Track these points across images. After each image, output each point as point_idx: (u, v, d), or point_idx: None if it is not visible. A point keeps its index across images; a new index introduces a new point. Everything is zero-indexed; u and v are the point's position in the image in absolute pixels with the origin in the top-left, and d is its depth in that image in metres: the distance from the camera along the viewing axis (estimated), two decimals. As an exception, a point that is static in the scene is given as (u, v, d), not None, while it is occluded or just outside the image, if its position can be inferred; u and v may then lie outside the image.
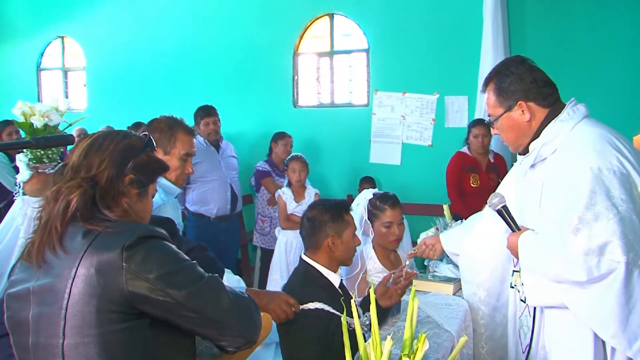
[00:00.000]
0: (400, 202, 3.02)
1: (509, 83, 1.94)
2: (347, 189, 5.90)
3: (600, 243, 1.65)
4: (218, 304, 1.39)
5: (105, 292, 1.29)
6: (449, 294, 2.54)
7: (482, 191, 4.48)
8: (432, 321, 2.17)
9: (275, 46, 6.26)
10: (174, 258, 1.38)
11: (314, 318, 2.20)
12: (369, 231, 2.99)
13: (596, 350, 1.77)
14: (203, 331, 1.41)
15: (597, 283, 1.67)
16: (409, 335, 1.59)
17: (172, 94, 6.56)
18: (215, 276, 1.44)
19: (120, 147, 1.45)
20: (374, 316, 1.58)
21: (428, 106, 5.73)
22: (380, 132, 5.91)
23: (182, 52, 6.59)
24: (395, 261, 3.02)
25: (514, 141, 2.00)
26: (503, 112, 1.96)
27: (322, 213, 2.34)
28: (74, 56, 7.32)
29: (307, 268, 2.36)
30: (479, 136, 4.72)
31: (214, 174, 4.76)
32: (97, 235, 1.34)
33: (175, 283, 1.33)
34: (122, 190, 1.42)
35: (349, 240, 2.32)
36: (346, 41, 6.19)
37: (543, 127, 1.91)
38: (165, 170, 1.61)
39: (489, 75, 2.02)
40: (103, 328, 1.29)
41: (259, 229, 5.18)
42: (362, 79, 6.08)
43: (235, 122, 6.09)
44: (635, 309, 1.65)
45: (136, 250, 1.31)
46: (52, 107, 3.51)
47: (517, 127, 1.95)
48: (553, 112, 1.92)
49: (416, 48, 5.71)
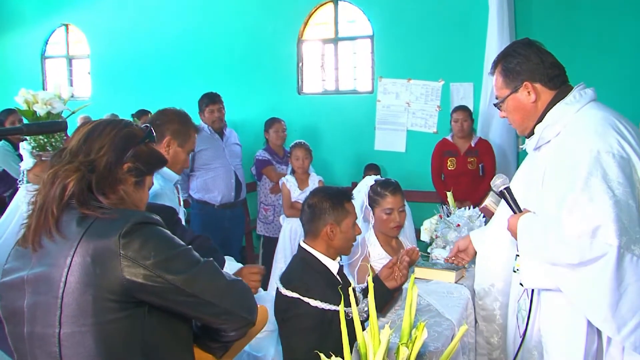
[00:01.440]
0: (401, 189, 2.99)
1: (515, 64, 1.94)
2: (352, 176, 5.89)
3: (593, 226, 1.64)
4: (215, 287, 1.40)
5: (102, 280, 1.28)
6: (451, 282, 2.52)
7: (458, 174, 4.96)
8: (433, 309, 2.16)
9: (280, 33, 6.22)
10: (170, 244, 1.38)
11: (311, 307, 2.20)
12: (369, 217, 2.98)
13: (589, 336, 1.76)
14: (202, 315, 1.41)
15: (589, 266, 1.65)
16: (407, 323, 1.58)
17: (176, 82, 6.55)
18: (210, 260, 1.45)
19: (121, 134, 1.45)
20: (372, 305, 1.57)
21: (433, 93, 5.68)
22: (384, 119, 5.87)
23: (186, 40, 6.57)
24: (397, 247, 3.00)
25: (520, 123, 1.99)
26: (509, 93, 1.96)
27: (323, 200, 2.33)
28: (78, 44, 7.31)
29: (305, 255, 2.36)
30: (458, 121, 4.94)
31: (217, 161, 4.77)
32: (92, 223, 1.33)
33: (172, 268, 1.33)
34: (119, 177, 1.42)
35: (348, 230, 2.31)
36: (350, 28, 6.15)
37: (549, 109, 1.91)
38: (164, 164, 1.61)
39: (497, 57, 2.03)
40: (100, 317, 1.29)
41: (262, 217, 5.17)
42: (367, 65, 6.03)
43: (239, 109, 6.08)
44: (626, 294, 1.64)
45: (133, 237, 1.31)
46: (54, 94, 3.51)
47: (523, 109, 1.95)
48: (560, 94, 1.91)
49: (421, 34, 5.66)
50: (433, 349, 1.79)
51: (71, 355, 1.30)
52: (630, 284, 1.63)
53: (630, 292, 1.64)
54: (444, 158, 5.04)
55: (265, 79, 6.28)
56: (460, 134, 4.97)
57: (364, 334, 1.54)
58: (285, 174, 4.83)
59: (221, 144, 4.85)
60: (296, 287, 2.24)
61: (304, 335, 2.19)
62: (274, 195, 5.07)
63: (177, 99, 6.21)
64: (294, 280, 2.29)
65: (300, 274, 2.32)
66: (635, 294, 1.64)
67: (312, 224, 2.34)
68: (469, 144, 4.99)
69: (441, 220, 3.07)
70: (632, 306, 1.64)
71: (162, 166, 1.60)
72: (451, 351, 1.61)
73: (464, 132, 4.95)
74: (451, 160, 5.00)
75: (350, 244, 2.36)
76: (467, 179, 4.92)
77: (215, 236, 4.80)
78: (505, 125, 5.21)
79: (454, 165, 4.99)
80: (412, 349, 1.53)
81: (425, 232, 3.16)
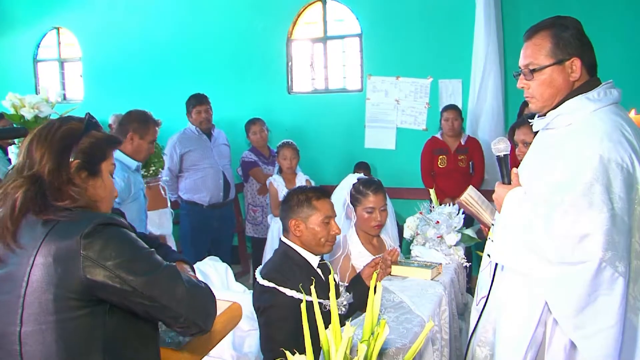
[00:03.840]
0: (384, 187, 3.02)
1: (569, 35, 1.80)
2: (343, 174, 5.76)
3: (582, 232, 1.62)
4: (173, 293, 1.41)
5: (63, 279, 1.31)
6: (427, 279, 2.54)
7: (449, 171, 5.01)
8: (405, 306, 2.17)
9: (269, 33, 6.22)
10: (132, 246, 1.40)
11: (287, 297, 2.24)
12: (351, 215, 3.01)
13: (540, 320, 1.76)
14: (158, 318, 1.44)
15: (566, 267, 1.65)
16: (369, 320, 1.59)
17: (166, 82, 6.56)
18: (172, 265, 1.47)
19: (58, 136, 1.45)
20: (334, 302, 1.59)
21: (422, 90, 5.69)
22: (374, 117, 5.88)
23: (176, 41, 6.57)
24: (379, 246, 3.03)
25: (546, 99, 1.84)
26: (552, 63, 1.80)
27: (292, 197, 2.43)
28: (70, 47, 7.29)
29: (286, 249, 2.44)
30: (449, 120, 4.98)
31: (205, 162, 4.80)
32: (55, 224, 1.36)
33: (132, 271, 1.35)
34: (66, 179, 1.42)
35: (315, 227, 2.35)
36: (339, 26, 6.15)
37: (572, 96, 1.81)
38: (117, 143, 1.61)
39: (543, 23, 1.85)
40: (60, 315, 1.32)
41: (250, 218, 5.18)
42: (356, 64, 6.04)
43: (229, 109, 6.09)
44: (595, 303, 1.64)
45: (94, 238, 1.33)
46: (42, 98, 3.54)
47: (557, 86, 1.81)
48: (586, 85, 1.81)
49: (409, 32, 5.66)
50: (400, 346, 1.81)
51: (31, 352, 1.32)
52: (601, 294, 1.63)
53: (599, 303, 1.64)
54: (435, 156, 5.07)
55: (254, 78, 6.28)
56: (450, 132, 5.01)
57: (327, 331, 1.55)
58: (272, 174, 4.84)
59: (209, 145, 4.88)
60: (273, 277, 2.31)
61: (280, 325, 2.25)
62: (262, 196, 5.09)
63: (168, 100, 6.26)
64: (272, 270, 2.36)
65: (279, 265, 2.39)
66: (603, 304, 1.64)
67: (283, 220, 2.43)
68: (458, 142, 5.04)
69: (421, 217, 3.09)
70: (595, 314, 1.65)
71: (115, 147, 1.58)
72: (417, 347, 1.62)
73: (454, 130, 4.99)
74: (442, 158, 5.04)
75: (319, 242, 2.39)
76: (458, 176, 4.95)
77: (204, 236, 4.87)
78: (493, 123, 5.25)
79: (444, 163, 5.03)
80: (374, 347, 1.55)
81: (407, 230, 3.18)
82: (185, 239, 4.93)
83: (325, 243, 2.40)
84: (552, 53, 1.80)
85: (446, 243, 2.96)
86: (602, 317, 1.64)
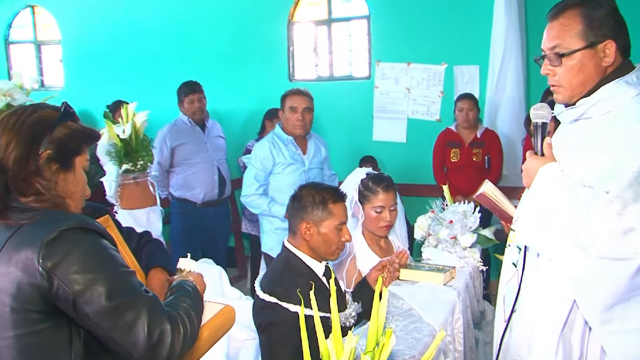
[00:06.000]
0: (394, 184, 3.00)
1: (604, 14, 1.72)
2: (348, 169, 5.77)
3: (627, 226, 1.60)
4: (130, 332, 1.33)
5: (21, 290, 1.29)
6: (439, 284, 2.54)
7: (462, 166, 4.99)
8: (415, 314, 2.17)
9: (268, 15, 6.21)
10: (98, 261, 1.35)
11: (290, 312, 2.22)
12: (358, 214, 2.99)
13: None
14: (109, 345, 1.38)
15: (605, 260, 1.63)
16: (374, 330, 1.58)
17: (156, 69, 6.56)
18: (145, 296, 1.38)
19: (28, 122, 1.42)
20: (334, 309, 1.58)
21: (435, 77, 5.68)
22: (383, 106, 5.87)
23: (166, 24, 6.56)
24: (386, 248, 3.02)
25: (576, 87, 1.78)
26: (583, 47, 1.73)
27: (307, 196, 2.35)
28: (47, 28, 7.24)
29: (288, 255, 2.39)
30: (463, 110, 4.95)
31: (199, 156, 4.78)
32: (18, 229, 1.33)
33: (92, 292, 1.30)
34: (33, 170, 1.39)
35: (328, 233, 2.31)
36: (345, 7, 6.14)
37: (606, 82, 1.75)
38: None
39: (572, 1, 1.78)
40: (20, 329, 1.30)
41: (247, 214, 5.18)
42: (363, 49, 6.02)
43: (224, 98, 6.10)
44: (628, 302, 1.64)
45: (56, 246, 1.30)
46: (15, 84, 3.53)
47: (588, 72, 1.75)
48: (620, 69, 1.75)
49: (421, 13, 5.64)
50: (409, 358, 1.80)
51: None
52: (636, 295, 1.63)
53: (633, 301, 1.64)
54: (447, 149, 5.07)
55: (253, 65, 6.27)
56: (465, 124, 5.00)
57: (327, 342, 1.54)
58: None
59: (203, 137, 4.87)
60: (274, 290, 2.27)
61: (284, 343, 2.21)
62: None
63: (157, 88, 6.27)
64: (273, 283, 2.32)
65: (280, 276, 2.34)
66: (636, 303, 1.64)
67: (292, 220, 2.38)
68: (474, 135, 5.02)
69: (434, 216, 3.08)
70: (627, 314, 1.65)
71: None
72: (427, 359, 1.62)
73: (469, 122, 4.97)
74: (454, 152, 5.03)
75: (332, 249, 2.36)
76: (472, 171, 4.94)
77: (197, 237, 4.87)
78: (513, 114, 5.23)
79: (457, 157, 5.03)
80: (379, 359, 1.54)
81: (418, 230, 3.17)
82: (176, 240, 4.93)
83: (335, 250, 2.37)
84: (584, 35, 1.73)
85: (460, 245, 2.95)
86: (634, 319, 1.64)
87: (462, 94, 5.14)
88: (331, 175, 4.31)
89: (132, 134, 3.54)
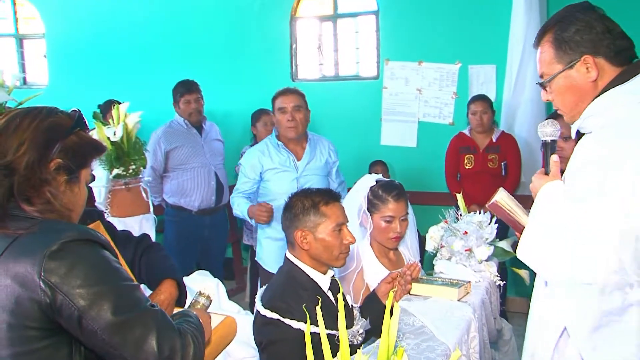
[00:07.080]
0: (406, 193, 3.00)
1: (573, 32, 1.80)
2: (355, 175, 5.79)
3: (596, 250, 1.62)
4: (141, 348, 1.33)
5: (20, 305, 1.28)
6: (453, 300, 2.52)
7: (477, 173, 5.00)
8: (428, 332, 2.16)
9: (269, 9, 6.22)
10: (103, 275, 1.34)
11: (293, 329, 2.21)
12: (367, 223, 2.99)
13: None
14: None
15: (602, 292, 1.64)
16: (384, 348, 1.57)
17: (149, 67, 6.57)
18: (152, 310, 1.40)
19: (43, 126, 1.42)
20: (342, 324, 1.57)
21: (448, 78, 5.67)
22: (392, 108, 5.87)
23: (160, 17, 6.57)
24: (396, 260, 3.02)
25: (572, 107, 1.85)
26: (561, 70, 1.82)
27: (295, 203, 2.37)
28: (29, 21, 7.23)
29: (291, 268, 2.39)
30: (477, 113, 4.96)
31: (195, 160, 4.80)
32: (15, 239, 1.33)
33: (98, 307, 1.30)
34: (45, 177, 1.39)
35: (325, 237, 2.31)
36: (352, 2, 6.15)
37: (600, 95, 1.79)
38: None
39: (547, 24, 1.89)
40: (16, 347, 1.29)
41: (248, 225, 5.18)
42: (371, 46, 6.03)
43: (223, 99, 6.11)
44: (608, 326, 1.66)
45: (60, 259, 1.29)
46: (-5, 82, 3.53)
47: (578, 90, 1.82)
48: (622, 75, 1.77)
49: (434, 9, 5.64)
50: (421, 379, 1.79)
51: None
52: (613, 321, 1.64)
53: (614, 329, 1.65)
54: (461, 155, 5.07)
55: (253, 63, 6.28)
56: (479, 128, 4.99)
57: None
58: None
59: (199, 140, 4.89)
60: (276, 306, 2.26)
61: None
62: (262, 198, 5.07)
63: (150, 87, 6.28)
64: (275, 297, 2.31)
65: (283, 291, 2.33)
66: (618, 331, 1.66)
67: (287, 232, 2.39)
68: (489, 139, 5.01)
69: (447, 226, 3.07)
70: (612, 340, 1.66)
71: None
72: (441, 381, 1.61)
73: (483, 126, 4.97)
74: (469, 158, 5.03)
75: (334, 254, 2.36)
76: (487, 179, 4.93)
77: (193, 247, 4.87)
78: (533, 117, 5.20)
79: (471, 163, 5.03)
80: (390, 379, 1.53)
81: (430, 241, 3.16)
82: (170, 249, 4.86)
83: (339, 255, 2.36)
84: (558, 58, 1.84)
85: (476, 257, 2.94)
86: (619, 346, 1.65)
87: (475, 95, 5.13)
88: (340, 183, 4.26)
89: (124, 136, 3.54)
